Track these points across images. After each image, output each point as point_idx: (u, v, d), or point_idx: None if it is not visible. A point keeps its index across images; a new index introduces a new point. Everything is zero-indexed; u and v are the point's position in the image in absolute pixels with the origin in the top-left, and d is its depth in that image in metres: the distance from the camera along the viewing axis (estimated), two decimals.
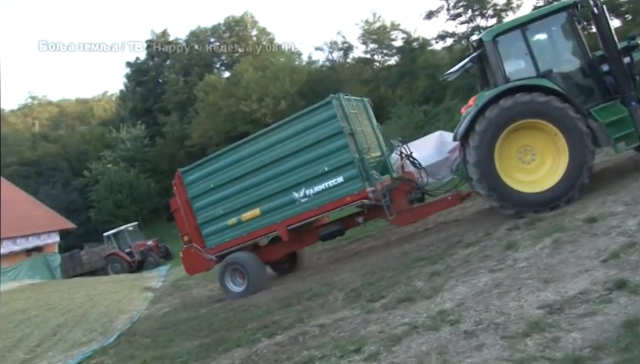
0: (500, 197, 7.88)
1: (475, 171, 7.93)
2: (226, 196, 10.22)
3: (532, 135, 7.97)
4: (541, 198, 7.68)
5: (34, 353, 9.31)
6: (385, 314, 5.23)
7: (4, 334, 11.17)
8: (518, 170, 8.03)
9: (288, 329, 5.82)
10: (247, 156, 9.98)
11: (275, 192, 9.72)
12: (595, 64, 8.04)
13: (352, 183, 9.12)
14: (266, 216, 9.87)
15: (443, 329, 4.32)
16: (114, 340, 9.20)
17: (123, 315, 12.19)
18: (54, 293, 17.85)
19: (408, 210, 9.50)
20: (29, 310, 14.14)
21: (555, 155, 7.82)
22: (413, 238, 9.80)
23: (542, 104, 7.67)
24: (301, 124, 9.50)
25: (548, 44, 8.78)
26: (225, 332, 6.81)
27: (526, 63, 8.33)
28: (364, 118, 10.42)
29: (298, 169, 9.49)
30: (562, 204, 7.50)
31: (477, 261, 6.09)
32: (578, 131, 7.57)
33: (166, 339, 7.64)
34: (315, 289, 7.67)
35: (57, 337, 10.43)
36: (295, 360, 4.65)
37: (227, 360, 5.37)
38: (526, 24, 8.19)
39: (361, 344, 4.52)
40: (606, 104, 7.82)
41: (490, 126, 7.83)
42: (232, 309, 8.53)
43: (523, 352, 3.47)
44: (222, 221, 10.29)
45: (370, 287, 6.57)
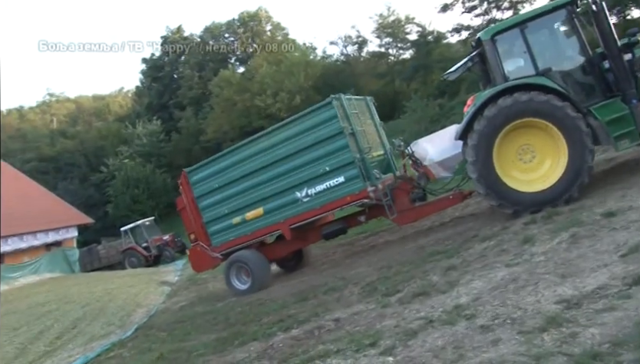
0: (499, 196, 7.87)
1: (473, 171, 7.93)
2: (231, 196, 10.37)
3: (532, 134, 7.88)
4: (540, 197, 7.64)
5: (54, 345, 9.47)
6: (401, 308, 5.22)
7: (27, 326, 11.38)
8: (517, 169, 7.97)
9: (303, 323, 5.84)
10: (250, 156, 10.09)
11: (278, 191, 9.84)
12: (595, 62, 7.92)
13: (353, 182, 9.20)
14: (269, 216, 10.01)
15: (459, 323, 4.29)
16: (132, 333, 9.31)
17: (140, 308, 12.33)
18: (73, 287, 18.12)
19: (410, 209, 9.51)
20: (49, 303, 14.38)
21: (554, 154, 7.73)
22: (429, 232, 9.76)
23: (541, 103, 7.60)
24: (302, 124, 9.57)
25: (547, 42, 8.64)
26: (241, 325, 6.85)
27: (525, 61, 8.24)
28: (367, 117, 10.50)
29: (300, 169, 9.59)
30: (561, 204, 7.40)
31: (494, 255, 6.04)
32: (577, 130, 7.48)
33: (183, 333, 7.71)
34: (330, 283, 7.68)
35: (77, 330, 10.59)
36: (311, 354, 4.66)
37: (243, 354, 5.40)
38: (525, 23, 8.08)
39: (377, 338, 4.52)
40: (606, 101, 7.73)
41: (488, 125, 7.80)
42: (248, 303, 8.57)
43: (540, 347, 3.44)
44: (227, 220, 10.45)
45: (386, 281, 6.56)
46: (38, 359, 8.64)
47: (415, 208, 9.52)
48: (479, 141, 7.85)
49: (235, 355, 5.45)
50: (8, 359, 8.77)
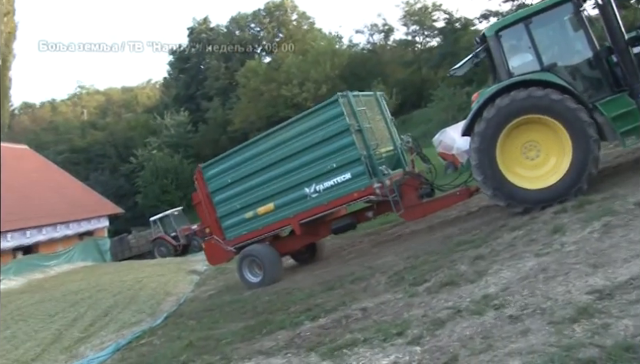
0: (506, 196, 7.80)
1: (478, 173, 7.91)
2: (243, 191, 10.57)
3: (536, 130, 7.76)
4: (548, 193, 7.52)
5: (88, 332, 9.70)
6: (428, 298, 5.20)
7: (62, 313, 11.68)
8: (523, 166, 7.89)
9: (330, 312, 5.85)
10: (261, 152, 10.26)
11: (288, 187, 10.01)
12: (602, 56, 7.70)
13: (359, 179, 9.29)
14: (280, 211, 10.19)
15: (487, 313, 4.26)
16: (162, 321, 9.48)
17: (169, 297, 12.53)
18: (104, 276, 18.50)
19: (417, 205, 9.54)
20: (82, 291, 14.71)
21: (560, 149, 7.60)
22: (456, 222, 9.68)
23: (540, 98, 7.48)
24: (310, 121, 9.71)
25: (553, 36, 8.50)
26: (268, 314, 6.91)
27: (530, 57, 8.11)
28: (376, 113, 10.56)
29: (309, 165, 9.74)
30: (572, 197, 7.26)
31: (523, 245, 5.96)
32: (579, 122, 7.33)
33: (211, 321, 7.81)
34: (357, 272, 7.68)
35: (109, 317, 10.82)
36: (338, 343, 4.67)
37: (271, 342, 5.44)
38: (529, 17, 7.92)
39: (404, 327, 4.51)
40: (613, 96, 7.53)
41: (490, 123, 7.75)
42: (276, 292, 8.63)
43: (571, 338, 3.39)
44: (240, 215, 10.67)
45: (413, 271, 6.53)
46: (73, 344, 8.87)
47: (423, 204, 9.57)
48: (481, 143, 7.82)
49: (263, 343, 5.50)
50: (46, 344, 9.03)
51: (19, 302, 14.06)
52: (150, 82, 71.32)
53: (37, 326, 10.57)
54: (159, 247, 27.29)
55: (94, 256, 26.83)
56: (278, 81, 37.53)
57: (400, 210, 9.45)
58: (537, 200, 7.56)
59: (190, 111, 45.84)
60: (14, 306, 13.63)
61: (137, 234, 32.59)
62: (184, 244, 26.46)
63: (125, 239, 32.42)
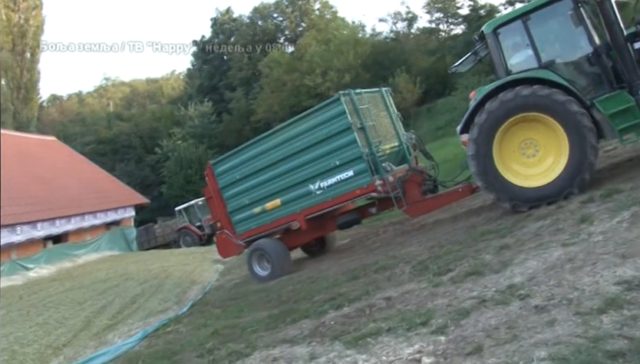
0: (497, 190, 7.87)
1: (473, 164, 7.96)
2: (251, 187, 10.88)
3: (535, 128, 7.75)
4: (539, 193, 7.55)
5: (116, 319, 9.90)
6: (453, 287, 5.18)
7: (91, 301, 11.95)
8: (519, 163, 7.90)
9: (354, 301, 5.87)
10: (268, 149, 10.53)
11: (294, 184, 10.28)
12: (601, 52, 7.58)
13: (361, 176, 9.50)
14: (286, 207, 10.48)
15: (512, 303, 4.23)
16: (187, 309, 9.61)
17: (195, 285, 12.70)
18: (131, 264, 18.82)
19: (421, 201, 9.67)
20: (110, 280, 15.01)
21: (557, 150, 7.58)
22: (480, 211, 9.59)
23: (541, 97, 7.44)
24: (314, 119, 9.92)
25: (551, 33, 8.35)
26: (293, 303, 6.96)
27: (528, 54, 8.06)
28: (381, 109, 10.71)
29: (313, 162, 9.98)
30: (561, 200, 7.26)
31: (549, 235, 5.88)
32: (578, 126, 7.28)
33: (237, 310, 7.88)
34: (381, 261, 7.68)
35: (136, 305, 11.02)
36: (362, 332, 4.69)
37: (295, 330, 5.49)
38: (527, 14, 7.91)
39: (429, 317, 4.50)
40: (611, 93, 7.44)
41: (487, 121, 7.77)
42: (300, 281, 8.69)
43: (599, 329, 3.35)
44: (248, 210, 11.00)
45: (437, 260, 6.51)
46: (102, 331, 9.06)
47: (426, 200, 9.67)
48: (479, 135, 7.85)
49: (288, 332, 5.54)
50: (76, 330, 9.24)
51: (50, 290, 14.42)
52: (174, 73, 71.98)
53: (67, 313, 10.83)
54: (184, 237, 27.62)
55: (120, 245, 27.30)
56: (301, 70, 37.47)
57: (404, 206, 9.65)
58: (528, 198, 7.63)
59: (214, 102, 46.10)
60: (45, 293, 13.99)
61: (163, 224, 33.03)
62: (209, 233, 26.69)
63: (151, 228, 32.89)
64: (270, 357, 4.83)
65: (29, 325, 10.10)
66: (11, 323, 10.50)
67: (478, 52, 9.14)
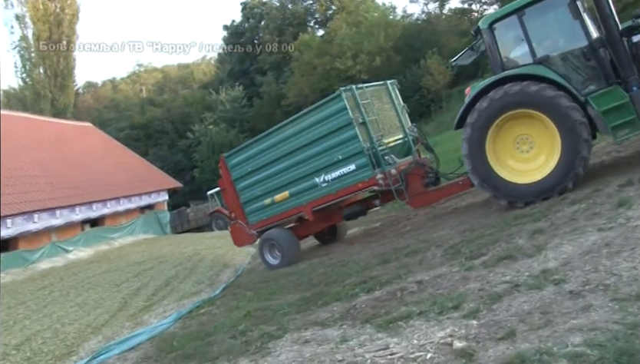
0: (493, 188, 7.95)
1: (467, 163, 8.08)
2: (261, 179, 11.30)
3: (529, 124, 7.73)
4: (534, 188, 7.58)
5: (151, 301, 10.13)
6: (485, 272, 5.12)
7: (127, 283, 12.26)
8: (514, 159, 7.92)
9: (386, 285, 5.86)
10: (276, 143, 10.91)
11: (300, 177, 10.63)
12: (596, 47, 7.44)
13: (363, 170, 9.76)
14: (294, 199, 10.86)
15: (546, 288, 4.16)
16: (220, 292, 9.77)
17: (227, 268, 12.90)
18: (165, 247, 19.19)
19: (423, 194, 9.88)
20: (145, 262, 15.35)
21: (550, 145, 7.56)
22: None
23: (532, 94, 7.43)
24: (318, 115, 10.21)
25: (546, 28, 8.24)
26: (324, 286, 6.99)
27: (524, 49, 8.01)
28: (385, 102, 10.91)
29: (318, 156, 10.29)
30: (555, 195, 7.31)
31: (585, 219, 5.75)
32: (570, 120, 7.25)
33: (268, 292, 7.95)
34: (412, 245, 7.65)
35: (170, 287, 11.26)
36: (394, 315, 4.69)
37: (326, 313, 5.52)
38: (522, 9, 7.82)
39: (460, 301, 4.47)
40: (605, 89, 7.35)
41: (479, 120, 7.82)
42: (331, 265, 8.71)
43: (636, 315, 3.26)
44: (260, 201, 11.44)
45: (469, 244, 6.44)
46: (138, 312, 9.29)
47: (428, 192, 9.87)
48: (471, 134, 7.90)
49: (319, 314, 5.58)
50: (113, 311, 9.50)
51: (88, 272, 14.83)
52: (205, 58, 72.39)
53: (104, 294, 11.13)
54: (216, 220, 27.95)
55: (154, 228, 27.84)
56: (332, 53, 37.22)
57: (405, 198, 9.91)
58: (523, 194, 7.67)
59: (245, 86, 46.26)
60: (84, 275, 14.39)
61: (195, 207, 33.50)
62: None
63: (184, 212, 33.41)
64: (302, 339, 4.88)
65: (70, 305, 10.43)
66: (53, 303, 10.86)
67: (475, 47, 9.25)
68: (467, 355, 3.44)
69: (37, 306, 10.80)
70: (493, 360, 3.27)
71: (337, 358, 4.11)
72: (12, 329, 9.02)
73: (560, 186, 7.39)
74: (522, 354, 3.17)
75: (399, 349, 3.92)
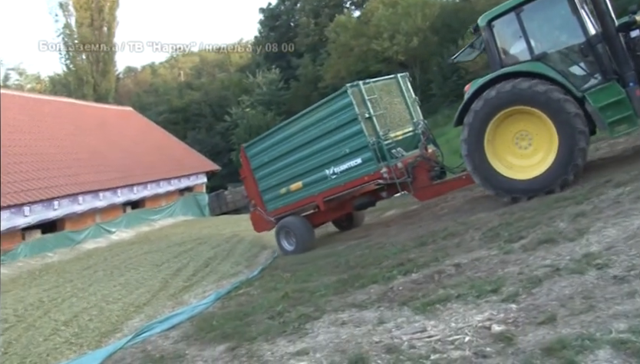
0: (494, 186, 8.11)
1: (468, 162, 8.25)
2: (277, 170, 11.88)
3: (528, 120, 7.82)
4: (535, 184, 7.68)
5: (190, 281, 10.35)
6: (525, 255, 5.04)
7: (167, 263, 12.54)
8: (515, 155, 8.03)
9: (423, 268, 5.84)
10: (290, 135, 11.41)
11: (312, 168, 11.14)
12: (593, 43, 7.47)
13: (368, 164, 10.14)
14: (307, 189, 11.39)
15: (589, 272, 4.07)
16: (258, 273, 9.90)
17: (265, 250, 13.04)
18: (204, 229, 19.52)
19: (428, 187, 10.21)
20: (185, 244, 15.65)
21: (549, 140, 7.64)
22: None
23: (525, 90, 7.55)
24: (326, 109, 10.61)
25: (544, 25, 8.28)
26: (361, 268, 6.99)
27: (522, 46, 8.09)
28: (395, 96, 11.22)
29: (327, 149, 10.75)
30: (557, 189, 7.43)
31: (630, 202, 5.56)
32: (564, 113, 7.34)
33: (305, 274, 8.02)
34: (450, 228, 7.57)
35: (209, 268, 11.47)
36: (431, 298, 4.67)
37: (363, 295, 5.53)
38: (520, 6, 7.90)
39: (499, 284, 4.42)
40: (603, 85, 7.42)
41: (479, 115, 7.96)
42: (368, 247, 8.71)
43: None
44: (276, 190, 12.04)
45: (508, 227, 6.34)
46: (178, 292, 9.51)
47: (434, 185, 10.18)
48: (469, 134, 8.08)
49: (356, 296, 5.60)
50: (154, 290, 9.75)
51: (130, 253, 15.22)
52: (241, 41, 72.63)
53: (146, 275, 11.42)
54: None
55: (193, 210, 28.32)
56: (368, 35, 36.76)
57: (411, 190, 10.34)
58: (525, 190, 7.77)
59: (281, 69, 46.26)
60: (126, 255, 14.78)
61: (233, 190, 33.88)
62: None
63: (222, 194, 33.85)
64: (339, 321, 4.91)
65: (113, 284, 10.74)
66: (97, 282, 11.21)
67: (475, 44, 9.38)
68: (506, 339, 3.41)
69: (83, 284, 11.15)
70: (533, 344, 3.23)
71: (374, 339, 4.13)
72: (61, 306, 9.36)
73: (561, 179, 7.49)
74: (563, 339, 3.12)
75: (436, 332, 3.91)
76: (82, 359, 6.42)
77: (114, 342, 6.97)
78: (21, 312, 9.28)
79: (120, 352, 6.33)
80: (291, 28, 50.00)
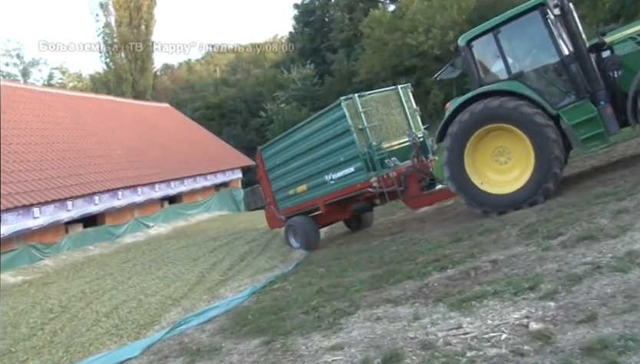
0: (468, 196, 8.47)
1: (446, 170, 8.59)
2: (286, 173, 12.78)
3: (505, 136, 8.15)
4: (507, 200, 8.01)
5: (226, 276, 10.48)
6: (564, 252, 4.93)
7: (203, 258, 12.73)
8: (493, 170, 8.37)
9: (459, 264, 5.78)
10: (295, 142, 12.25)
11: (314, 173, 11.91)
12: (568, 62, 7.81)
13: (360, 173, 10.82)
14: (310, 192, 12.19)
15: (632, 271, 3.95)
16: (293, 268, 9.96)
17: None
18: (239, 224, 19.74)
19: (419, 196, 10.76)
20: (221, 238, 15.86)
21: (527, 158, 7.95)
22: (594, 173, 8.99)
23: (496, 108, 7.92)
24: (324, 120, 11.42)
25: (520, 45, 8.72)
26: (396, 264, 6.97)
27: (500, 66, 8.46)
28: (393, 107, 11.83)
29: (327, 157, 11.50)
30: (540, 199, 7.71)
31: None
32: (535, 125, 7.69)
33: (340, 269, 8.03)
34: (486, 224, 7.46)
35: (245, 263, 11.59)
36: (467, 294, 4.62)
37: (398, 291, 5.51)
38: (498, 27, 8.30)
39: (537, 282, 4.34)
40: (576, 103, 7.78)
41: (460, 129, 8.32)
42: (403, 243, 8.68)
43: None
44: (286, 191, 12.93)
45: (546, 223, 6.22)
46: (214, 286, 9.64)
47: (424, 195, 10.73)
48: (451, 143, 8.43)
49: (391, 292, 5.58)
50: (191, 284, 9.92)
51: (167, 247, 15.52)
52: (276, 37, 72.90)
53: (183, 268, 11.62)
54: None
55: (229, 205, 28.64)
56: (403, 29, 36.40)
57: (399, 199, 10.94)
58: (496, 204, 8.11)
59: (316, 64, 46.23)
60: (163, 249, 15.08)
61: None
62: None
63: (257, 189, 33.96)
64: (373, 316, 4.91)
65: (151, 277, 10.97)
66: (136, 275, 11.47)
67: (456, 64, 9.77)
68: (544, 338, 3.34)
69: (122, 277, 11.43)
70: (573, 344, 3.16)
71: (409, 335, 4.11)
72: (102, 298, 9.62)
73: (531, 199, 7.80)
74: (604, 339, 3.05)
75: (472, 329, 3.86)
76: (122, 350, 6.57)
77: (152, 333, 7.12)
78: (65, 303, 9.58)
79: (158, 343, 6.47)
80: (325, 24, 49.91)
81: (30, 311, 9.18)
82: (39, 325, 8.29)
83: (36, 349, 7.15)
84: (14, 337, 7.75)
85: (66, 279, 12.09)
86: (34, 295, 10.59)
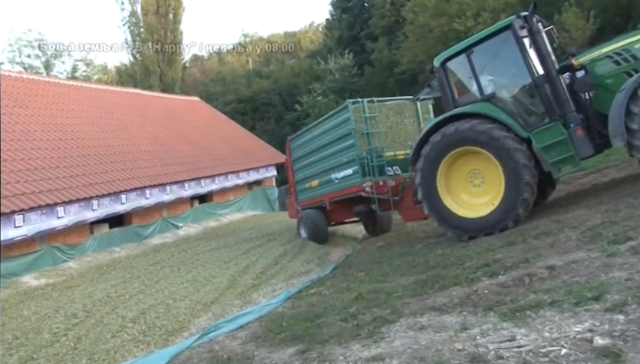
0: (440, 218, 8.89)
1: (419, 192, 9.08)
2: (305, 166, 14.36)
3: (479, 159, 8.49)
4: (478, 224, 8.38)
5: (259, 279, 10.55)
6: (634, 259, 4.75)
7: (235, 260, 12.84)
8: (467, 192, 8.78)
9: (511, 269, 5.65)
10: (314, 137, 13.69)
11: (324, 170, 13.30)
12: (539, 83, 8.09)
13: (356, 176, 11.90)
14: (320, 188, 13.66)
15: None
16: (330, 272, 9.96)
17: (338, 248, 13.11)
18: (273, 225, 19.85)
19: (411, 208, 11.25)
20: (253, 240, 15.98)
21: (499, 182, 8.24)
22: None
23: (465, 131, 8.33)
24: (333, 121, 12.69)
25: (493, 66, 8.93)
26: (441, 269, 6.88)
27: (474, 87, 8.81)
28: (406, 117, 12.72)
29: (333, 156, 12.78)
30: (496, 232, 8.04)
31: None
32: (504, 150, 8.02)
33: (381, 274, 7.98)
34: (542, 226, 7.29)
35: (279, 266, 11.64)
36: (521, 303, 4.50)
37: (444, 298, 5.43)
38: (471, 48, 8.69)
39: (602, 291, 4.18)
40: (547, 126, 8.05)
41: (432, 151, 8.79)
42: (449, 245, 8.58)
43: None
44: (304, 184, 14.57)
45: (612, 226, 6.02)
46: (247, 290, 9.71)
47: (416, 209, 10.82)
48: (424, 165, 8.94)
49: (436, 299, 5.50)
50: (222, 288, 10.01)
51: (197, 249, 15.72)
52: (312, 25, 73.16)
53: (213, 272, 11.74)
54: None
55: (262, 205, 28.84)
56: (450, 13, 35.96)
57: (390, 208, 11.88)
58: (468, 228, 8.49)
59: (355, 53, 46.11)
60: (193, 251, 15.28)
61: None
62: None
63: None
64: (417, 325, 4.83)
65: (180, 281, 11.13)
66: (164, 278, 11.64)
67: (432, 85, 10.24)
68: (612, 355, 3.21)
69: (150, 280, 11.61)
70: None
71: (456, 347, 4.02)
72: (128, 302, 9.78)
73: (501, 224, 8.14)
74: None
75: (527, 342, 3.75)
76: (149, 358, 6.67)
77: (181, 340, 7.21)
78: (90, 307, 9.78)
79: (187, 351, 6.54)
80: (365, 9, 49.71)
81: (53, 316, 9.39)
82: (62, 330, 8.45)
83: (59, 357, 7.30)
84: (36, 343, 7.92)
85: (91, 283, 12.37)
86: (58, 299, 10.84)
